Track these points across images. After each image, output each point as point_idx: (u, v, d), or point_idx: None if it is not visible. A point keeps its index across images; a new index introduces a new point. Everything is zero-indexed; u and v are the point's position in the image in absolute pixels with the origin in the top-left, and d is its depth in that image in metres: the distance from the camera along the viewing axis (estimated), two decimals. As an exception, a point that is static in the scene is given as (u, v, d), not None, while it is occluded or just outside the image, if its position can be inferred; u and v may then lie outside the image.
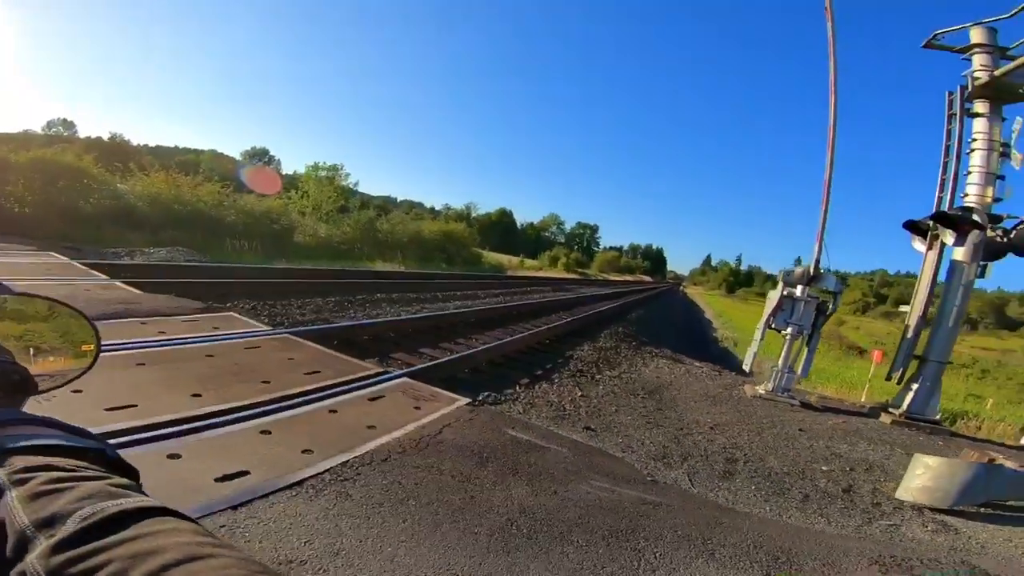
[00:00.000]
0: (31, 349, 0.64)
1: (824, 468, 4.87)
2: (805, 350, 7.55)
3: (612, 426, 4.87)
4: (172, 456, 2.29)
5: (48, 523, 0.34)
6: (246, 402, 3.02)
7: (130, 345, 3.56)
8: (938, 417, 7.48)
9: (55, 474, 0.38)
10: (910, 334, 7.47)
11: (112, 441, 0.58)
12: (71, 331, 0.69)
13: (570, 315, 12.33)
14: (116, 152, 20.11)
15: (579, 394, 5.63)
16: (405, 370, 4.45)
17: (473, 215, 72.90)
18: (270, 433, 2.74)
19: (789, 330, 7.49)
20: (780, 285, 7.38)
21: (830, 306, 7.45)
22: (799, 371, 7.60)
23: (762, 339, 7.73)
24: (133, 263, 7.66)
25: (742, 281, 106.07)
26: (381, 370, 4.30)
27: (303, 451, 2.65)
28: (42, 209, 13.13)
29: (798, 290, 7.39)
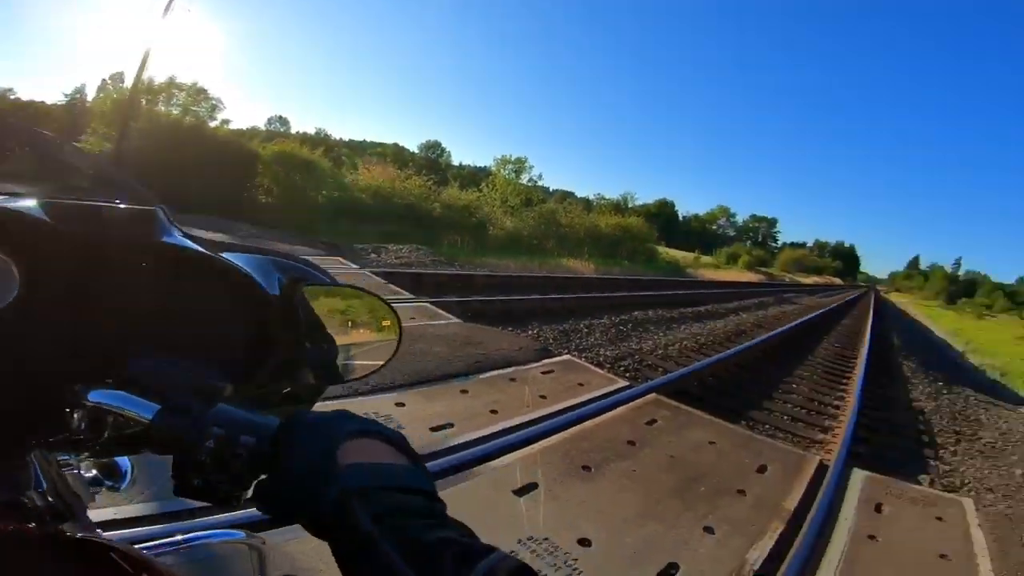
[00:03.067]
0: (341, 339, 0.61)
1: None
2: None
3: None
4: None
5: None
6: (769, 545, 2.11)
7: (547, 426, 2.96)
8: None
9: (412, 521, 0.32)
10: None
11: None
12: (378, 321, 0.66)
13: (847, 339, 10.20)
14: (319, 146, 21.22)
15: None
16: (845, 460, 3.24)
17: (630, 205, 69.31)
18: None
19: None
20: None
21: None
22: None
23: None
24: (412, 271, 7.85)
25: (961, 290, 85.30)
26: (817, 459, 3.15)
27: None
28: (282, 200, 14.31)
29: None
